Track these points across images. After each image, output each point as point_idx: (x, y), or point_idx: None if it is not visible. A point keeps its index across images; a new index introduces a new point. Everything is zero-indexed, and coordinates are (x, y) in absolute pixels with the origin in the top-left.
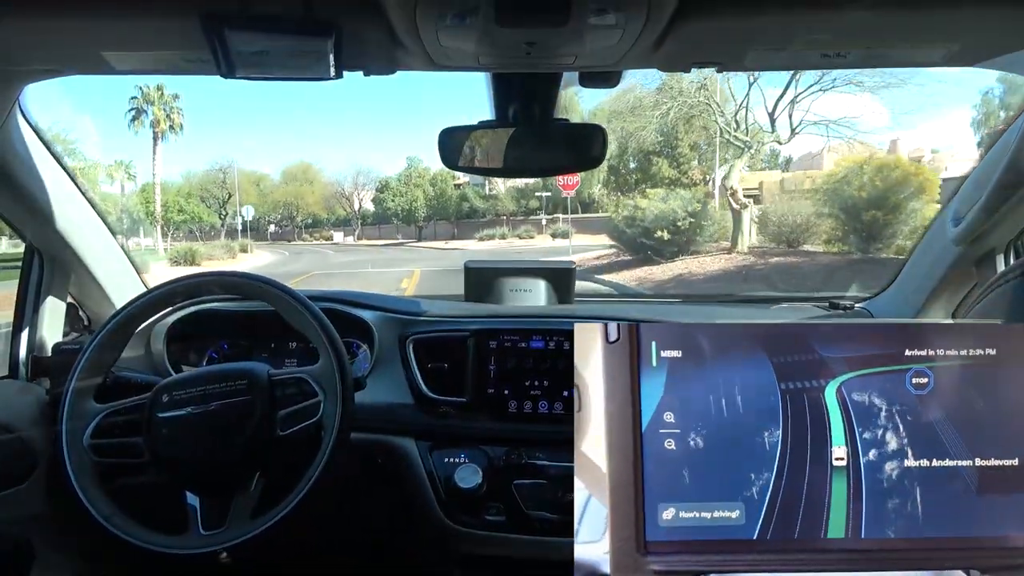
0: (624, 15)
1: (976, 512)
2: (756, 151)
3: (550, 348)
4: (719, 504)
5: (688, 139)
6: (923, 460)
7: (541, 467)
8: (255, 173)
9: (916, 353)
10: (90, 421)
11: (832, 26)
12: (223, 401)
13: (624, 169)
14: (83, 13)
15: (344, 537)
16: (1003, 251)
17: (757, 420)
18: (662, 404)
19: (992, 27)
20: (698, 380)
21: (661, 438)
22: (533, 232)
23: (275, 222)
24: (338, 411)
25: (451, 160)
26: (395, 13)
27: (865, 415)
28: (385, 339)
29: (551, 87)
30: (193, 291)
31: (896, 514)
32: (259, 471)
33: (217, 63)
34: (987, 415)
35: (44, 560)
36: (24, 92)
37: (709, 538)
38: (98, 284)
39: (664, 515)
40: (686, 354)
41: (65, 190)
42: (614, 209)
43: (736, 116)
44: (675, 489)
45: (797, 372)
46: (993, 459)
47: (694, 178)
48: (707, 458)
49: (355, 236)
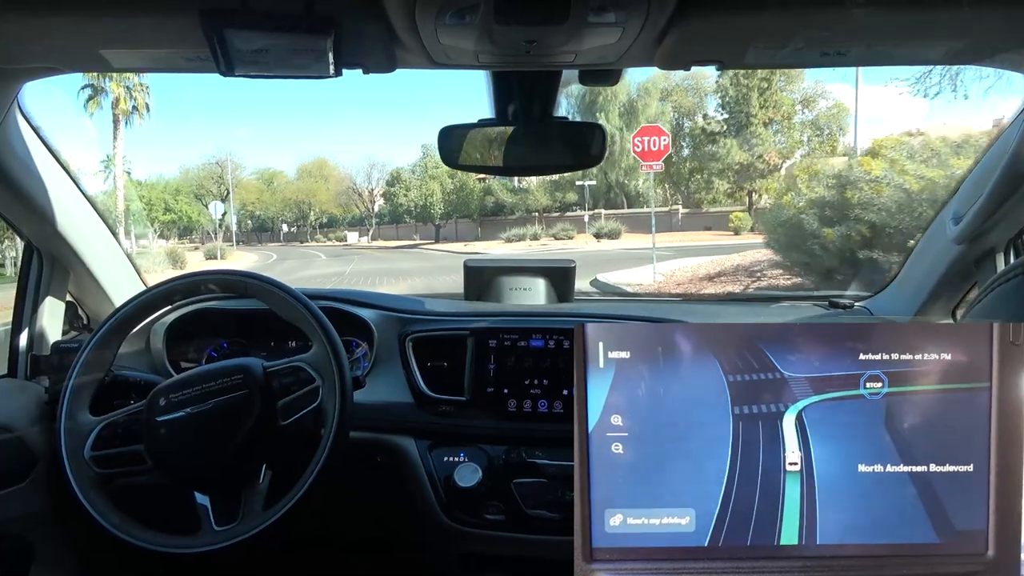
0: (624, 13)
1: (933, 518)
2: (835, 134)
3: (550, 347)
4: (668, 510)
5: (762, 116)
6: (878, 465)
7: (541, 466)
8: (268, 170)
9: (871, 357)
10: (88, 434)
11: (833, 24)
12: (221, 398)
13: (676, 156)
14: (82, 11)
15: (344, 536)
16: (1003, 250)
17: (708, 423)
18: (608, 406)
19: (994, 25)
20: (647, 382)
21: (608, 441)
22: (572, 231)
23: (288, 221)
24: (337, 394)
25: (451, 158)
26: (394, 11)
27: (819, 420)
28: (384, 338)
29: (551, 85)
30: (192, 289)
31: (852, 520)
32: (265, 464)
33: (216, 61)
34: (943, 419)
35: (43, 558)
36: (22, 90)
37: (657, 545)
38: (97, 283)
39: (611, 521)
40: (635, 355)
41: (64, 188)
42: (781, 195)
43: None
44: (622, 494)
45: (746, 370)
46: (948, 464)
47: (770, 162)
48: (656, 462)
49: (369, 237)
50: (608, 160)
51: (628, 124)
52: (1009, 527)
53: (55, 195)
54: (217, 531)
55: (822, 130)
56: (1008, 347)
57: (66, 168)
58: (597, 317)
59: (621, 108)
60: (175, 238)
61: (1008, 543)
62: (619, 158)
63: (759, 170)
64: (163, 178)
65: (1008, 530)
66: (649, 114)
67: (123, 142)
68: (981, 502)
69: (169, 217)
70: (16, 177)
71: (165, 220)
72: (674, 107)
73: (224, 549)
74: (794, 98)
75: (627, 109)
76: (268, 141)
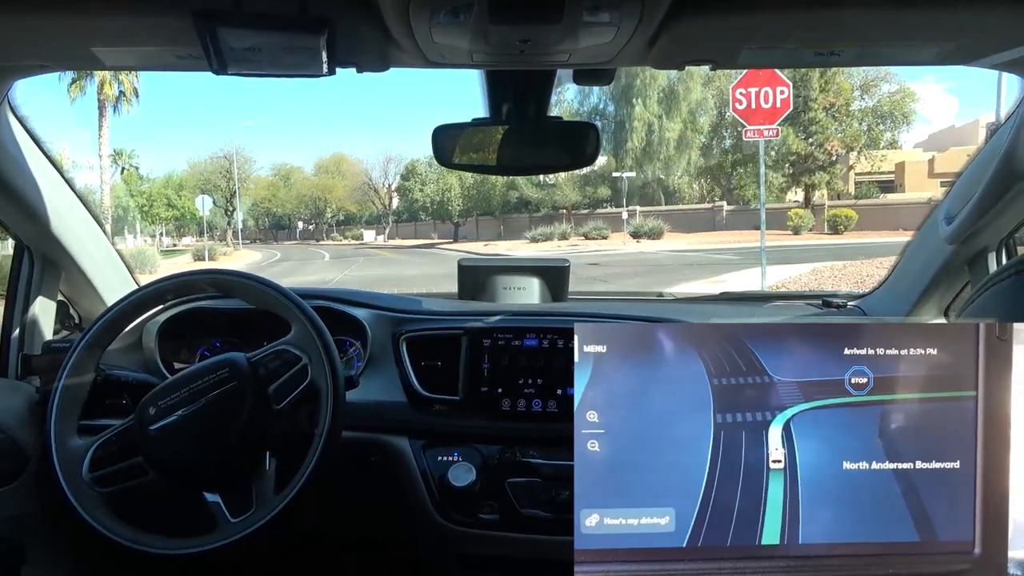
0: (618, 13)
1: (918, 516)
2: (898, 123)
3: (544, 346)
4: (647, 510)
5: (823, 100)
6: (863, 463)
7: (535, 466)
8: (285, 165)
9: (856, 353)
10: (82, 458)
11: (826, 24)
12: (211, 395)
13: (717, 148)
14: (73, 9)
15: (337, 536)
16: (995, 250)
17: (689, 420)
18: (584, 402)
19: (986, 25)
20: (624, 377)
21: (584, 438)
22: (606, 229)
23: (304, 219)
24: (326, 367)
25: (445, 158)
26: (388, 10)
27: (805, 423)
28: (378, 337)
29: (545, 84)
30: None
31: (836, 519)
32: (268, 451)
33: (209, 60)
34: (927, 417)
35: (35, 560)
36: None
37: (636, 546)
38: (89, 282)
39: (587, 521)
40: (611, 349)
41: (55, 186)
42: None
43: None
44: (600, 494)
45: (733, 372)
46: (935, 462)
47: (832, 152)
48: (634, 460)
49: (386, 235)
50: (645, 152)
51: (668, 111)
52: (995, 524)
53: (46, 193)
54: (233, 523)
55: (883, 119)
56: (995, 343)
57: (57, 166)
58: (591, 317)
59: (660, 94)
60: (173, 235)
61: (994, 540)
62: (657, 149)
63: (819, 161)
64: (175, 173)
65: (994, 527)
66: (691, 100)
67: (108, 130)
68: (968, 499)
69: (172, 214)
70: (7, 175)
71: (167, 217)
72: (715, 95)
73: (246, 537)
74: (853, 82)
75: (666, 95)
76: (280, 133)
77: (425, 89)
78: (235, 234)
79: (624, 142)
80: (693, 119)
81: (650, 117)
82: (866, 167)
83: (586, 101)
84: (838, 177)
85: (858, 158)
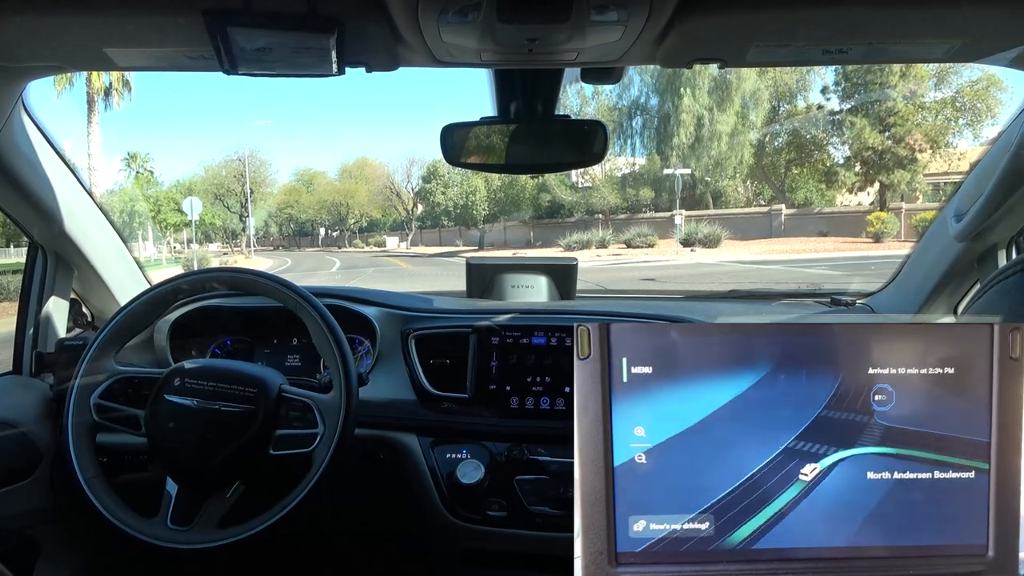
0: (626, 11)
1: (933, 521)
2: (986, 117)
3: (552, 344)
4: (689, 515)
5: (902, 87)
6: (885, 473)
7: (543, 463)
8: (308, 170)
9: (879, 372)
10: (107, 378)
11: (834, 22)
12: (227, 404)
13: (769, 146)
14: (87, 10)
15: (347, 532)
16: (1005, 247)
17: (728, 432)
18: (633, 419)
19: (995, 23)
20: (668, 394)
21: (631, 452)
22: (652, 236)
23: (326, 225)
24: (331, 450)
25: (453, 156)
26: (397, 9)
27: (832, 432)
28: (387, 335)
29: (553, 83)
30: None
31: (860, 524)
32: (240, 479)
33: (220, 60)
34: (947, 425)
35: (48, 555)
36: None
37: (679, 548)
38: (102, 280)
39: (634, 527)
40: (657, 370)
41: (69, 186)
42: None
43: None
44: (645, 501)
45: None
46: (951, 471)
47: (915, 146)
48: (678, 470)
49: (408, 242)
50: (693, 148)
51: (719, 103)
52: (1008, 528)
53: (60, 193)
54: (168, 528)
55: (963, 111)
56: (1007, 361)
57: (70, 166)
58: (599, 315)
59: (711, 84)
60: (183, 244)
61: (1007, 544)
62: (708, 144)
63: (898, 158)
64: (188, 177)
65: (1007, 531)
66: (745, 90)
67: (98, 127)
68: (981, 504)
69: (180, 219)
70: (21, 175)
71: (175, 223)
72: (769, 86)
73: (162, 550)
74: (929, 69)
75: (718, 85)
76: (298, 136)
77: (461, 87)
78: (248, 241)
79: (670, 137)
80: (744, 113)
81: (700, 109)
82: (941, 166)
83: (625, 94)
84: (920, 175)
85: (932, 156)
